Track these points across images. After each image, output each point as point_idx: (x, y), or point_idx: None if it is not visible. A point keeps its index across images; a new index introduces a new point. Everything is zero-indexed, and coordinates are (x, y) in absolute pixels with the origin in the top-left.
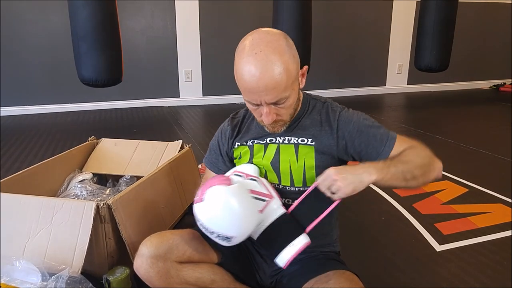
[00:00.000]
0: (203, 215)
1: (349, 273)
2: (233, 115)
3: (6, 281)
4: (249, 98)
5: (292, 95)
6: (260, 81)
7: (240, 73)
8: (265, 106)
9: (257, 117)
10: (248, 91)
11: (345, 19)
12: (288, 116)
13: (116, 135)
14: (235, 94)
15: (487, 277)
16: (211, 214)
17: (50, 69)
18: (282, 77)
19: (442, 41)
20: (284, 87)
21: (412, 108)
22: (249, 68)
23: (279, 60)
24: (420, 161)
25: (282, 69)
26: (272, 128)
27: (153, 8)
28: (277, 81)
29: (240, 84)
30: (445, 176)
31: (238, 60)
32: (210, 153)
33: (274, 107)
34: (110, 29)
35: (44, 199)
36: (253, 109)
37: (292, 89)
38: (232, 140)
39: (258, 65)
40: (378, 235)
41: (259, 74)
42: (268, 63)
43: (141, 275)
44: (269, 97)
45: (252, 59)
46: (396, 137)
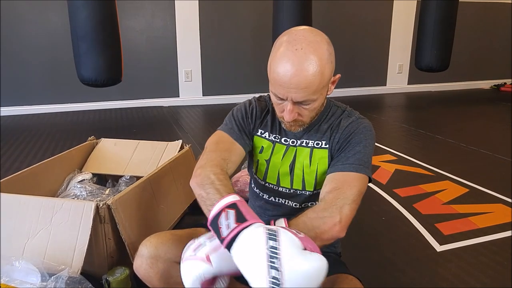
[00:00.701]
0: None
1: (351, 277)
2: (258, 97)
3: (5, 281)
4: (277, 91)
5: (319, 99)
6: (293, 78)
7: (275, 65)
8: (290, 103)
9: (278, 112)
10: (279, 84)
11: (345, 19)
12: (309, 119)
13: (115, 135)
14: (235, 94)
15: (487, 277)
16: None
17: (50, 69)
18: (315, 79)
19: (443, 41)
20: (314, 89)
21: (412, 108)
22: (285, 62)
23: (317, 62)
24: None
25: (318, 72)
26: (290, 126)
27: (153, 8)
28: (310, 82)
29: (272, 76)
30: (446, 176)
31: (276, 51)
32: (233, 122)
33: (298, 106)
34: (110, 29)
35: (43, 199)
36: (276, 103)
37: (320, 94)
38: (260, 121)
39: (296, 62)
40: (378, 235)
41: (294, 70)
42: (305, 62)
43: (141, 275)
44: (298, 95)
45: (291, 53)
46: (360, 177)
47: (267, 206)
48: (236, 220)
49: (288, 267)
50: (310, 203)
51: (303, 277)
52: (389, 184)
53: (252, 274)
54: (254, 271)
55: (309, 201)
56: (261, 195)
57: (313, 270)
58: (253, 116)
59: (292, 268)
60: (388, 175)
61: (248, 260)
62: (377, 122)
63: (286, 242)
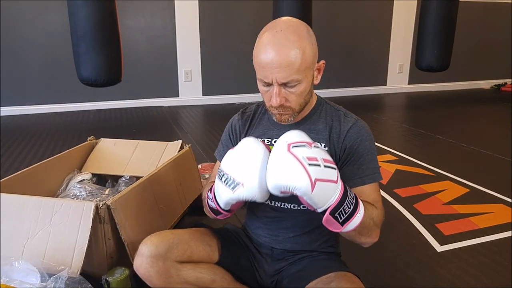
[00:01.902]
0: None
1: (350, 274)
2: (243, 110)
3: (5, 281)
4: (262, 75)
5: (304, 81)
6: (275, 58)
7: (257, 51)
8: (275, 85)
9: (267, 101)
10: (263, 67)
11: (345, 18)
12: (297, 105)
13: (115, 135)
14: (235, 93)
15: (488, 277)
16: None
17: (50, 69)
18: (297, 57)
19: (443, 41)
20: (297, 68)
21: (413, 108)
22: (266, 44)
23: (297, 41)
24: (370, 227)
25: (299, 51)
26: (280, 116)
27: (152, 8)
28: (292, 61)
29: (256, 62)
30: (446, 176)
31: (258, 39)
32: (223, 148)
33: (285, 90)
34: (110, 28)
35: (43, 199)
36: (264, 92)
37: (305, 75)
38: (244, 134)
39: (276, 42)
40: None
41: (275, 50)
42: (285, 42)
43: (141, 274)
44: (281, 75)
45: (271, 36)
46: (378, 183)
47: (266, 208)
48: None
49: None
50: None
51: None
52: (389, 184)
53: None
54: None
55: None
56: None
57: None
58: (237, 132)
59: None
60: (389, 175)
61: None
62: (378, 122)
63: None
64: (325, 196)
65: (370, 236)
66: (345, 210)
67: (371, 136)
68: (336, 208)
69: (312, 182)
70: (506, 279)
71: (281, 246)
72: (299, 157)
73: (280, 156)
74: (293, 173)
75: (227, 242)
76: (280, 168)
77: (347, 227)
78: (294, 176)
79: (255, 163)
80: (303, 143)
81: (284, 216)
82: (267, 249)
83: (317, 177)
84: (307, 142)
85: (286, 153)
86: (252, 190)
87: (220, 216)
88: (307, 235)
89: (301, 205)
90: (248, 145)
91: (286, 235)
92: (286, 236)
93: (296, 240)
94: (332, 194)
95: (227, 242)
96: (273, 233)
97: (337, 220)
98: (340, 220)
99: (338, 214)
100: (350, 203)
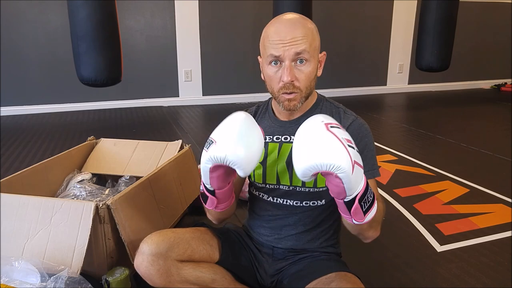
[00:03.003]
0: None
1: (351, 275)
2: (244, 111)
3: (5, 281)
4: (274, 51)
5: (312, 62)
6: (289, 32)
7: (270, 31)
8: (287, 61)
9: (276, 83)
10: (275, 44)
11: (345, 18)
12: (304, 87)
13: (115, 135)
14: (235, 93)
15: (488, 277)
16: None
17: (50, 69)
18: (308, 33)
19: (443, 41)
20: (309, 42)
21: (413, 108)
22: (279, 25)
23: (307, 23)
24: (379, 220)
25: (310, 30)
26: (289, 102)
27: (152, 8)
28: (304, 34)
29: (268, 42)
30: (446, 176)
31: (268, 26)
32: None
33: (295, 67)
34: (110, 28)
35: (43, 199)
36: (272, 74)
37: (313, 55)
38: None
39: (288, 21)
40: (379, 235)
41: (289, 26)
42: (299, 21)
43: (142, 273)
44: (296, 46)
45: (282, 18)
46: (375, 180)
47: (267, 206)
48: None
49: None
50: (312, 202)
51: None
52: (389, 184)
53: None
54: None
55: (311, 200)
56: (261, 196)
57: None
58: None
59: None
60: (389, 175)
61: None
62: (378, 122)
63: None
64: (357, 182)
65: (376, 229)
66: (368, 198)
67: (370, 133)
68: (363, 196)
69: (353, 164)
70: (506, 279)
71: (282, 244)
72: (340, 137)
73: (320, 134)
74: (337, 152)
75: (227, 242)
76: (322, 147)
77: (368, 216)
78: (338, 155)
79: (232, 125)
80: (338, 125)
81: (286, 214)
82: (268, 249)
83: (355, 159)
84: (339, 125)
85: (326, 132)
86: (223, 148)
87: (208, 204)
88: (309, 233)
89: (304, 202)
90: (233, 115)
91: (288, 232)
92: (288, 233)
93: (298, 237)
94: (361, 180)
95: (227, 242)
96: (275, 231)
97: (362, 209)
98: (363, 208)
99: (363, 202)
100: (370, 192)
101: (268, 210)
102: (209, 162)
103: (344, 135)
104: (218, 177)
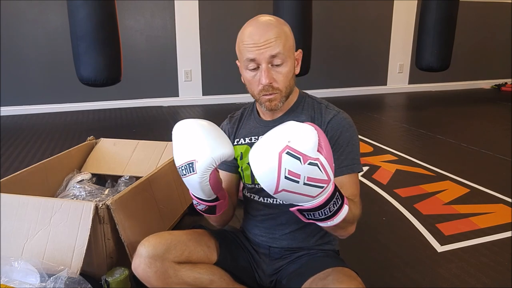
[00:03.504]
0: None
1: (347, 269)
2: (230, 114)
3: (5, 281)
4: (249, 55)
5: (288, 62)
6: (263, 35)
7: (242, 36)
8: (264, 64)
9: (255, 87)
10: (250, 47)
11: (345, 18)
12: (284, 87)
13: (115, 135)
14: (235, 93)
15: (488, 277)
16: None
17: (49, 69)
18: (281, 34)
19: (443, 41)
20: (283, 43)
21: (413, 108)
22: (251, 28)
23: (279, 24)
24: (351, 219)
25: (282, 30)
26: (270, 102)
27: (152, 8)
28: (278, 33)
29: (242, 47)
30: (446, 176)
31: (241, 30)
32: None
33: (272, 69)
34: (109, 28)
35: (42, 199)
36: (251, 78)
37: (288, 56)
38: (233, 136)
39: (260, 25)
40: (379, 235)
41: (262, 30)
42: (270, 23)
43: (139, 275)
44: (271, 49)
45: (254, 22)
46: (357, 174)
47: (259, 206)
48: None
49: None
50: None
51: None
52: (389, 184)
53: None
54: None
55: None
56: (252, 197)
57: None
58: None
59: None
60: (389, 175)
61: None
62: (378, 122)
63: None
64: (293, 201)
65: (346, 229)
66: (325, 212)
67: (352, 127)
68: (314, 209)
69: (278, 190)
70: (506, 279)
71: (278, 244)
72: (282, 167)
73: (269, 151)
74: (266, 174)
75: (225, 243)
76: (260, 162)
77: (329, 223)
78: (265, 176)
79: (183, 140)
80: (300, 156)
81: (278, 213)
82: (264, 249)
83: (286, 188)
84: (305, 156)
85: (275, 155)
86: (206, 155)
87: (210, 215)
88: (303, 230)
89: None
90: (173, 135)
91: (282, 231)
92: (282, 232)
93: (292, 236)
94: (304, 201)
95: (225, 243)
96: (270, 231)
97: (310, 218)
98: (317, 217)
99: (316, 212)
100: (335, 202)
101: (260, 210)
102: (206, 173)
103: (293, 167)
104: (215, 184)
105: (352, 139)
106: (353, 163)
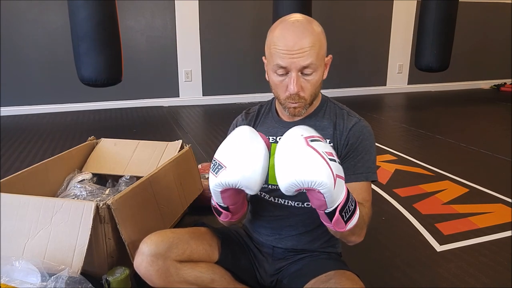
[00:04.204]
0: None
1: (349, 273)
2: (246, 110)
3: (5, 281)
4: (281, 61)
5: (319, 70)
6: (297, 42)
7: (275, 39)
8: (294, 72)
9: (282, 92)
10: (282, 54)
11: (345, 18)
12: (309, 96)
13: (115, 135)
14: (235, 93)
15: (487, 277)
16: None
17: (50, 69)
18: (315, 43)
19: (443, 41)
20: (316, 53)
21: (412, 108)
22: (286, 32)
23: (315, 29)
24: (362, 226)
25: (317, 36)
26: (294, 109)
27: (153, 8)
28: (312, 45)
29: (274, 51)
30: (446, 176)
31: (274, 29)
32: None
33: (302, 77)
34: (110, 29)
35: (43, 199)
36: (278, 82)
37: (320, 65)
38: None
39: (296, 30)
40: (378, 235)
41: (296, 36)
42: (306, 28)
43: (141, 273)
44: (303, 58)
45: (290, 25)
46: (370, 183)
47: (269, 207)
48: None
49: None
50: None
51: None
52: (389, 184)
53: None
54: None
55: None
56: (263, 196)
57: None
58: None
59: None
60: (388, 175)
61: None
62: (377, 122)
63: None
64: (338, 194)
65: (359, 235)
66: (349, 208)
67: (372, 136)
68: (344, 206)
69: (335, 178)
70: (506, 279)
71: (283, 244)
72: (320, 151)
73: (299, 150)
74: (318, 168)
75: (227, 242)
76: (303, 163)
77: (349, 225)
78: (319, 171)
79: (239, 146)
80: (318, 138)
81: (288, 215)
82: (268, 248)
83: (337, 173)
84: (320, 137)
85: (306, 148)
86: (235, 173)
87: (222, 217)
88: (310, 234)
89: (305, 203)
90: (238, 131)
91: (289, 233)
92: (289, 234)
93: (298, 238)
94: (342, 191)
95: (227, 242)
96: (276, 232)
97: (343, 219)
98: (344, 218)
99: (344, 212)
100: (352, 201)
101: (269, 211)
102: (219, 187)
103: (324, 148)
104: (229, 197)
105: (371, 148)
106: (368, 171)
